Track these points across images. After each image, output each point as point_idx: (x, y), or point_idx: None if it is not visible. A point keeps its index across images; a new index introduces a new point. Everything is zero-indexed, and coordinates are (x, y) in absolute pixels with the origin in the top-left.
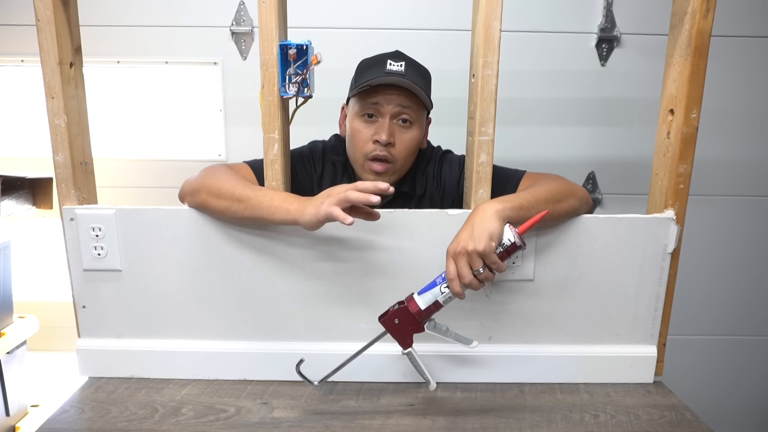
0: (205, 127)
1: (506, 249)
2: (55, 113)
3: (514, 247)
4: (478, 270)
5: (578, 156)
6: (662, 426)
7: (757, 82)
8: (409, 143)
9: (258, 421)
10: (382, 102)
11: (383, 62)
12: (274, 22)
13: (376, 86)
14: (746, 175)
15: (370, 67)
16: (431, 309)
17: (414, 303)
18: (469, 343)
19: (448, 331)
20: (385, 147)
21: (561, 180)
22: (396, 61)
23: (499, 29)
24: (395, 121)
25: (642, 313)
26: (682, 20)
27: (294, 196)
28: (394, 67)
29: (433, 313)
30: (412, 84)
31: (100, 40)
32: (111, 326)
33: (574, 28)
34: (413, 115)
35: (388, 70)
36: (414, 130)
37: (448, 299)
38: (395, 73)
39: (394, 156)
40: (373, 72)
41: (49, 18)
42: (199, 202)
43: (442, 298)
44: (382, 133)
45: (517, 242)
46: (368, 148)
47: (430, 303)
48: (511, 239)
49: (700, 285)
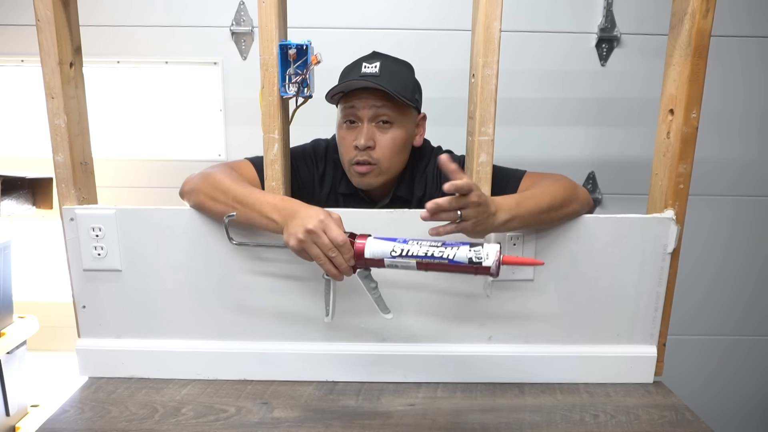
0: (205, 127)
1: (476, 266)
2: (55, 113)
3: (486, 270)
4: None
5: (578, 156)
6: (662, 426)
7: (756, 83)
8: (391, 143)
9: (258, 421)
10: (357, 106)
11: (359, 65)
12: (274, 22)
13: (351, 91)
14: (746, 175)
15: (347, 73)
16: (372, 261)
17: (362, 245)
18: (386, 312)
19: (374, 290)
20: (365, 151)
21: (563, 181)
22: (371, 63)
23: (499, 29)
24: (374, 123)
25: (642, 313)
26: (682, 20)
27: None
28: (369, 69)
29: (372, 266)
30: (380, 86)
31: (100, 40)
32: (111, 326)
33: (573, 28)
34: (391, 114)
35: (362, 73)
36: (395, 130)
37: (393, 265)
38: (369, 75)
39: (375, 158)
40: (349, 77)
41: (49, 18)
42: (197, 203)
43: (389, 261)
44: (360, 138)
45: (492, 269)
46: (351, 154)
47: (376, 257)
48: (488, 263)
49: (699, 285)
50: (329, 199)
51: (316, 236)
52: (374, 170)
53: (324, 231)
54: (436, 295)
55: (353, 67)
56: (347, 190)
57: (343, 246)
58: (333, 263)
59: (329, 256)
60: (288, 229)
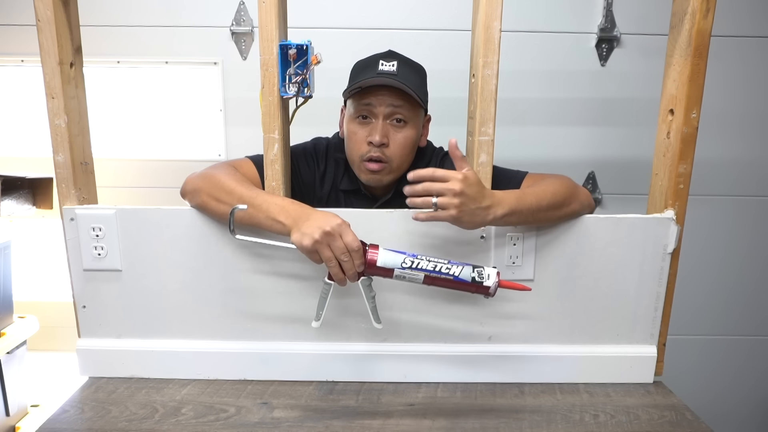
0: (205, 127)
1: (477, 285)
2: (55, 113)
3: (485, 290)
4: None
5: (578, 156)
6: (662, 426)
7: (756, 83)
8: (404, 142)
9: (258, 421)
10: (374, 103)
11: (375, 63)
12: (274, 22)
13: (368, 88)
14: (746, 175)
15: (363, 69)
16: (381, 271)
17: (375, 254)
18: (378, 322)
19: (372, 299)
20: (379, 148)
21: (564, 181)
22: (388, 61)
23: (499, 29)
24: (389, 121)
25: (642, 313)
26: (682, 20)
27: (293, 206)
28: (386, 67)
29: (380, 275)
30: (403, 84)
31: (100, 40)
32: (111, 326)
33: (573, 28)
34: (406, 114)
35: (380, 70)
36: (408, 129)
37: (401, 276)
38: (387, 74)
39: (388, 156)
40: (365, 73)
41: (49, 18)
42: (199, 203)
43: (399, 271)
44: (375, 135)
45: (491, 290)
46: (363, 149)
47: (387, 266)
48: (488, 283)
49: (700, 285)
50: (330, 196)
51: (332, 239)
52: (386, 168)
53: (340, 235)
54: (436, 295)
55: (368, 64)
56: (349, 186)
57: (356, 252)
58: (342, 267)
59: (341, 260)
60: (301, 229)
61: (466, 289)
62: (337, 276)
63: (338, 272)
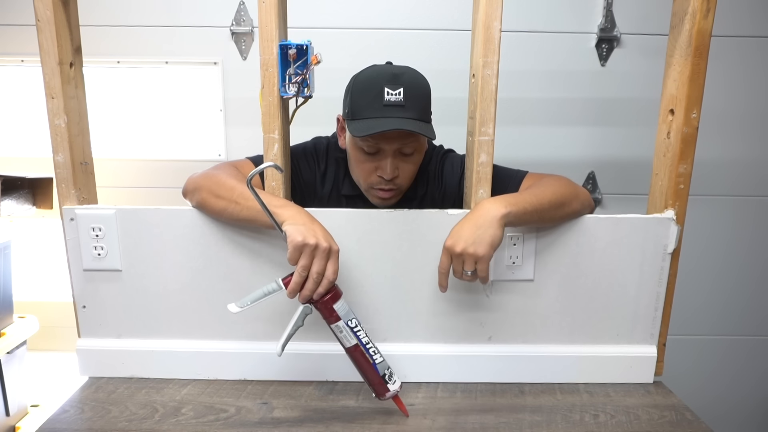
0: (205, 127)
1: (382, 382)
2: (55, 113)
3: (383, 391)
4: (466, 272)
5: (578, 156)
6: (662, 426)
7: (756, 83)
8: (413, 169)
9: (258, 421)
10: (382, 143)
11: (380, 92)
12: (274, 22)
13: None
14: (746, 175)
15: (365, 98)
16: (328, 312)
17: (337, 296)
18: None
19: (295, 328)
20: (390, 181)
21: (564, 181)
22: (393, 89)
23: (499, 29)
24: (398, 151)
25: (642, 313)
26: (683, 20)
27: (295, 207)
28: (393, 96)
29: (325, 314)
30: (413, 123)
31: (100, 40)
32: (111, 326)
33: (573, 28)
34: (416, 145)
35: (386, 101)
36: (416, 156)
37: (338, 329)
38: (394, 105)
39: (398, 184)
40: (369, 105)
41: (49, 18)
42: (199, 201)
43: (341, 324)
44: (386, 170)
45: (388, 395)
46: (372, 179)
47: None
48: (390, 386)
49: (700, 285)
50: (331, 198)
51: (320, 256)
52: (396, 193)
53: (327, 259)
54: (437, 295)
55: (371, 91)
56: (351, 191)
57: (329, 282)
58: (306, 283)
59: (311, 277)
60: (299, 226)
61: (370, 379)
62: (295, 286)
63: (300, 283)
